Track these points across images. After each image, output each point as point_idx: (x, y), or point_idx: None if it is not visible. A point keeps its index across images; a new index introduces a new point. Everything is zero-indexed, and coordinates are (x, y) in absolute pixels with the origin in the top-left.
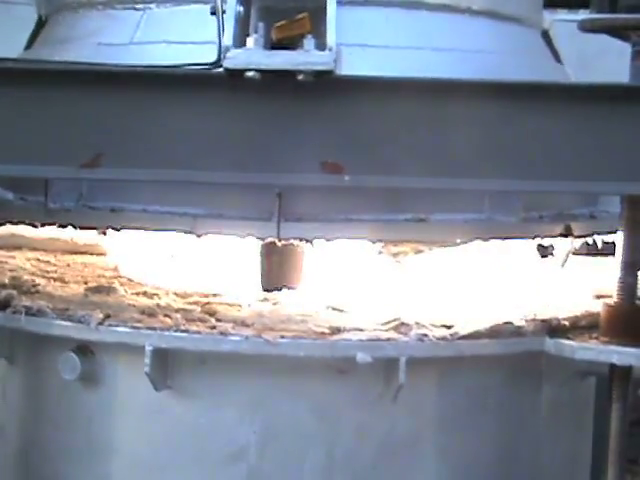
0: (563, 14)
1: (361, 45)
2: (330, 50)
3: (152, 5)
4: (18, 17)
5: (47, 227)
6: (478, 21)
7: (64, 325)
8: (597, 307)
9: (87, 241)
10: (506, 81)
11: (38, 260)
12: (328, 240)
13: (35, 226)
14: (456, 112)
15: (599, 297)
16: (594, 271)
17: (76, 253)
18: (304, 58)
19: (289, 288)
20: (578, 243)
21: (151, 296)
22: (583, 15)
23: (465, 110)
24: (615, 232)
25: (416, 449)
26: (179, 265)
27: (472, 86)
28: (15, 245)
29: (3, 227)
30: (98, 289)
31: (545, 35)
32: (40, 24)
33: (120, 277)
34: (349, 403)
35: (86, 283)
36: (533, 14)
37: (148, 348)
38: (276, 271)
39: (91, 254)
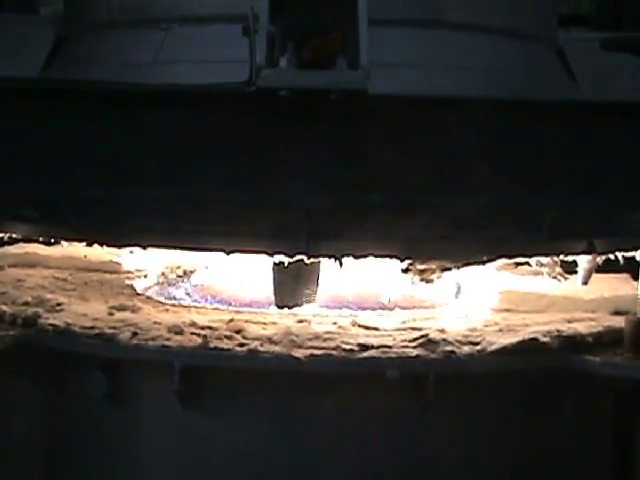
0: (577, 32)
1: (383, 63)
2: (363, 69)
3: (175, 25)
4: (35, 37)
5: (59, 245)
6: (498, 39)
7: (92, 343)
8: (618, 323)
9: (100, 259)
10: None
11: (55, 278)
12: (356, 257)
13: (52, 244)
14: (485, 129)
15: (617, 313)
16: (613, 287)
17: (90, 271)
18: (338, 77)
19: (304, 304)
20: (600, 260)
21: (174, 313)
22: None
23: (494, 128)
24: (637, 249)
25: (442, 465)
26: (196, 282)
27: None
28: (29, 263)
29: (17, 245)
30: (122, 307)
31: (559, 53)
32: (58, 44)
33: (138, 295)
34: (377, 419)
35: (107, 301)
36: (549, 32)
37: (177, 366)
38: (290, 288)
39: (104, 272)
